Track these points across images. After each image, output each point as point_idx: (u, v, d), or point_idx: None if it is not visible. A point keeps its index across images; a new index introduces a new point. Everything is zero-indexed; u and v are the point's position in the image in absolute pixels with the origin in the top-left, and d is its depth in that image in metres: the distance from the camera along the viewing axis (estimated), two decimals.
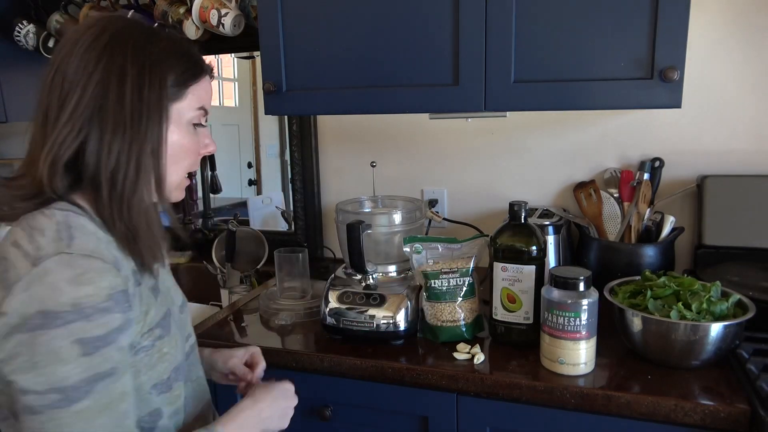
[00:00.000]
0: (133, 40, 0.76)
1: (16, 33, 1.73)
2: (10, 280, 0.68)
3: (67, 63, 0.74)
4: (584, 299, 1.00)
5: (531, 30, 1.12)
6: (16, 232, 0.73)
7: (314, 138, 1.74)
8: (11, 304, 0.67)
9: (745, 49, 1.35)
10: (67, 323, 0.66)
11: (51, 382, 0.66)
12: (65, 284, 0.67)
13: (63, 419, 0.66)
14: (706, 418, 0.92)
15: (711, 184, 1.36)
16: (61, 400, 0.66)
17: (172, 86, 0.78)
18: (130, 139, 0.74)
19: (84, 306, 0.67)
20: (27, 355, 0.66)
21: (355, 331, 1.18)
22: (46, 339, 0.65)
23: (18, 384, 0.66)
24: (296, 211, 1.78)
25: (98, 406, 0.68)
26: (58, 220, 0.72)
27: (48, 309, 0.66)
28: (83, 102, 0.73)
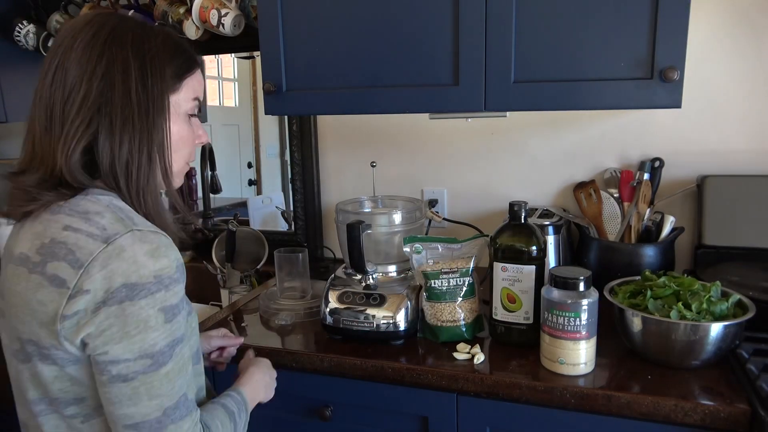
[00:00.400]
0: (132, 35, 0.79)
1: (16, 33, 1.73)
2: (81, 260, 0.71)
3: (67, 59, 0.76)
4: (584, 299, 1.00)
5: (531, 30, 1.12)
6: (60, 219, 0.75)
7: (314, 138, 1.74)
8: (91, 280, 0.70)
9: (745, 49, 1.35)
10: (152, 293, 0.71)
11: (142, 349, 0.71)
12: (145, 258, 0.71)
13: (153, 382, 0.72)
14: (706, 418, 0.92)
15: (711, 184, 1.36)
16: (152, 364, 0.72)
17: (170, 78, 0.82)
18: (139, 132, 0.78)
19: (163, 277, 0.72)
20: (118, 326, 0.70)
21: (355, 331, 1.18)
22: (135, 309, 0.70)
23: (109, 354, 0.71)
24: (296, 211, 1.78)
25: (177, 368, 0.75)
26: (106, 203, 0.76)
27: (132, 281, 0.70)
28: (90, 96, 0.75)
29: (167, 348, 0.74)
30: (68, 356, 0.74)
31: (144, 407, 0.73)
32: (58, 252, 0.72)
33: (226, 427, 0.85)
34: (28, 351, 0.76)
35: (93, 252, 0.71)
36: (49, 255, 0.73)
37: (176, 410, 0.75)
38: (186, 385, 0.77)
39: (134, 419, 0.73)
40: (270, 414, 1.13)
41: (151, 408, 0.73)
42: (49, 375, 0.76)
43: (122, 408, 0.73)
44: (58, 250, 0.72)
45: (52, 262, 0.72)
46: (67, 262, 0.71)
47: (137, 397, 0.72)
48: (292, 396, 1.18)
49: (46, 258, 0.73)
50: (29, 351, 0.76)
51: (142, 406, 0.73)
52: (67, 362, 0.75)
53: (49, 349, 0.74)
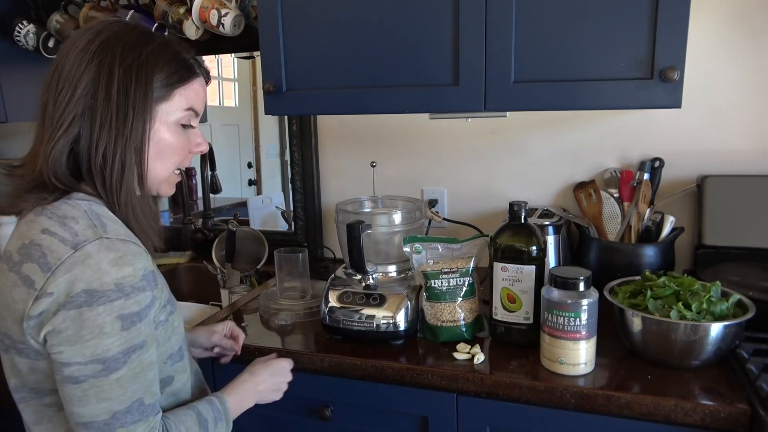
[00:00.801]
0: (125, 42, 0.81)
1: (16, 33, 1.73)
2: (50, 264, 0.74)
3: (62, 63, 0.80)
4: (584, 299, 1.00)
5: (531, 30, 1.12)
6: (41, 221, 0.78)
7: (314, 138, 1.74)
8: (56, 284, 0.73)
9: (745, 49, 1.35)
10: (111, 301, 0.73)
11: (94, 354, 0.73)
12: (108, 266, 0.74)
13: (103, 386, 0.74)
14: (706, 418, 0.92)
15: (711, 184, 1.36)
16: (102, 369, 0.74)
17: (159, 87, 0.83)
18: (115, 136, 0.80)
19: (125, 285, 0.74)
20: (73, 329, 0.73)
21: (355, 331, 1.18)
22: (92, 315, 0.73)
23: (63, 356, 0.74)
24: (296, 211, 1.78)
25: (132, 374, 0.76)
26: (84, 209, 0.79)
27: (93, 288, 0.73)
28: (74, 99, 0.79)
29: (121, 355, 0.75)
30: (36, 352, 0.78)
31: (92, 409, 0.75)
32: (33, 254, 0.76)
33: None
34: (6, 343, 0.81)
35: (62, 257, 0.74)
36: (26, 256, 0.77)
37: (127, 414, 0.76)
38: (143, 391, 0.78)
39: (83, 419, 0.75)
40: (270, 414, 1.13)
41: (99, 410, 0.75)
42: (24, 367, 0.80)
43: (72, 407, 0.76)
44: (33, 252, 0.76)
45: (27, 263, 0.76)
46: (38, 265, 0.75)
47: (86, 399, 0.75)
48: (292, 396, 1.18)
49: (23, 258, 0.77)
50: (6, 343, 0.80)
51: (90, 408, 0.75)
52: (38, 356, 0.78)
53: (20, 343, 0.78)
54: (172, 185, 0.91)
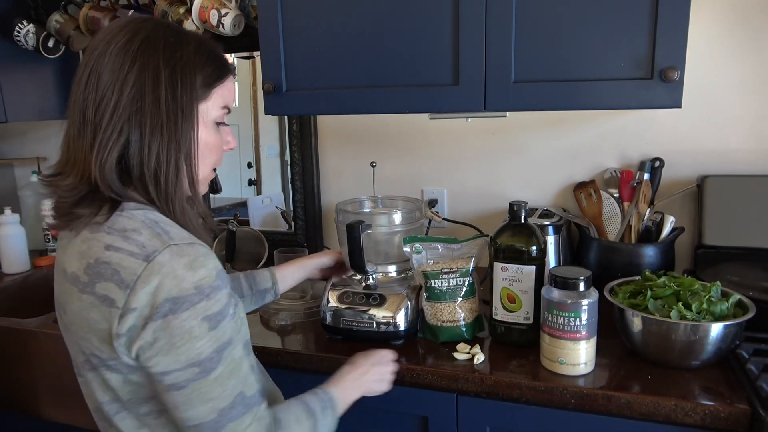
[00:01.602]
0: (165, 42, 0.80)
1: (16, 33, 1.73)
2: (126, 280, 0.73)
3: (101, 64, 0.78)
4: (584, 299, 1.00)
5: (531, 30, 1.12)
6: (101, 237, 0.77)
7: (314, 138, 1.74)
8: (138, 298, 0.73)
9: (745, 49, 1.35)
10: (194, 305, 0.73)
11: (189, 359, 0.74)
12: (184, 271, 0.73)
13: (204, 388, 0.75)
14: (706, 418, 0.92)
15: (711, 184, 1.36)
16: (200, 372, 0.75)
17: (199, 87, 0.82)
18: (168, 140, 0.79)
19: (203, 287, 0.74)
20: (164, 339, 0.73)
21: (355, 331, 1.18)
22: (179, 322, 0.73)
23: (160, 366, 0.74)
24: (296, 211, 1.78)
25: (228, 371, 0.77)
26: (141, 219, 0.78)
27: (174, 296, 0.72)
28: (121, 104, 0.77)
29: (214, 354, 0.76)
30: (131, 367, 0.78)
31: (199, 411, 0.76)
32: (104, 272, 0.75)
33: (302, 423, 0.86)
34: (94, 363, 0.80)
35: (136, 271, 0.73)
36: (96, 275, 0.75)
37: (232, 410, 0.77)
38: (242, 384, 0.79)
39: (193, 422, 0.77)
40: None
41: (205, 411, 0.76)
42: (116, 382, 0.79)
43: (180, 413, 0.77)
44: (104, 271, 0.75)
45: (100, 283, 0.75)
46: (114, 283, 0.74)
47: (191, 403, 0.75)
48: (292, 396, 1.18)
49: (94, 278, 0.75)
50: (94, 363, 0.79)
51: (196, 411, 0.76)
52: (130, 370, 0.78)
53: (110, 360, 0.78)
54: (206, 185, 0.92)
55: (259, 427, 0.80)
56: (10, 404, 1.46)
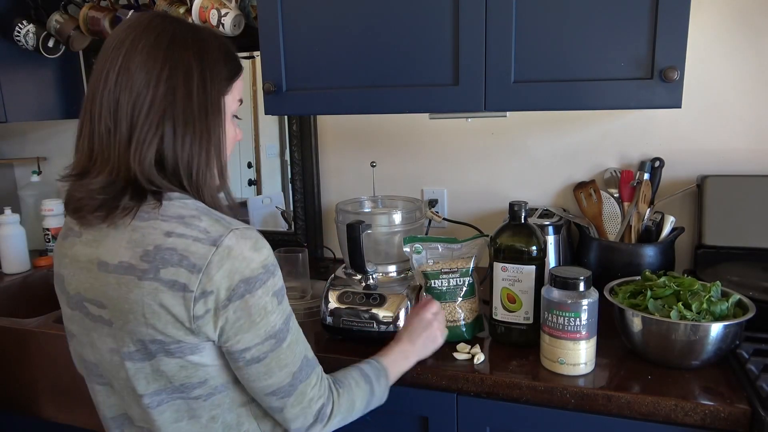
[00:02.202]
0: (191, 39, 0.83)
1: (16, 33, 1.73)
2: (198, 264, 0.76)
3: (131, 62, 0.79)
4: (584, 299, 1.00)
5: (531, 30, 1.12)
6: (157, 225, 0.79)
7: (314, 138, 1.74)
8: (213, 282, 0.76)
9: (745, 49, 1.35)
10: (264, 283, 0.79)
11: (267, 332, 0.80)
12: (250, 252, 0.79)
13: (280, 356, 0.82)
14: (706, 418, 0.92)
15: (711, 184, 1.36)
16: (276, 342, 0.82)
17: (222, 80, 0.86)
18: (200, 133, 0.82)
19: (268, 265, 0.80)
20: (244, 318, 0.78)
21: (356, 331, 1.18)
22: (255, 300, 0.78)
23: (242, 342, 0.79)
24: (296, 211, 1.78)
25: (294, 338, 0.85)
26: (194, 206, 0.81)
27: (247, 276, 0.77)
28: (157, 100, 0.79)
29: (284, 325, 0.82)
30: (195, 347, 0.80)
31: (276, 377, 0.82)
32: (170, 258, 0.77)
33: (361, 386, 0.93)
34: (151, 349, 0.80)
35: (206, 255, 0.76)
36: (160, 261, 0.77)
37: (301, 371, 0.85)
38: (304, 348, 0.87)
39: (271, 388, 0.83)
40: None
41: (282, 376, 0.83)
42: (173, 367, 0.81)
43: (260, 382, 0.82)
44: (168, 257, 0.77)
45: (165, 268, 0.77)
46: (183, 268, 0.76)
47: (270, 372, 0.82)
48: None
49: (158, 264, 0.77)
50: (152, 349, 0.80)
51: (275, 377, 0.82)
52: (194, 351, 0.80)
53: (176, 344, 0.79)
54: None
55: (323, 386, 0.88)
56: (10, 404, 1.46)
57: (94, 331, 0.84)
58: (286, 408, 0.85)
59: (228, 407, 0.86)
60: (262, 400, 0.85)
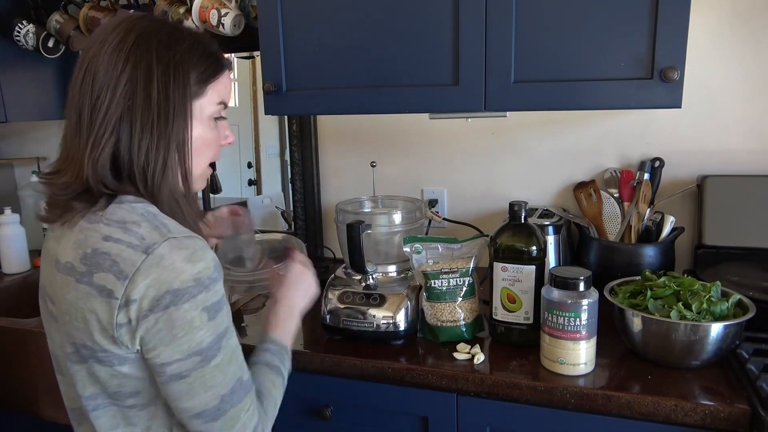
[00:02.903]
0: (158, 40, 0.81)
1: (16, 33, 1.73)
2: (125, 271, 0.74)
3: (96, 63, 0.79)
4: (584, 299, 1.00)
5: (531, 30, 1.12)
6: (100, 228, 0.77)
7: (314, 138, 1.74)
8: (137, 290, 0.74)
9: (745, 49, 1.35)
10: (193, 297, 0.75)
11: (190, 348, 0.76)
12: (183, 263, 0.75)
13: (206, 375, 0.77)
14: (706, 418, 0.92)
15: (711, 184, 1.36)
16: (201, 360, 0.77)
17: (194, 84, 0.83)
18: (157, 137, 0.80)
19: (202, 279, 0.76)
20: (165, 330, 0.74)
21: (355, 331, 1.18)
22: (180, 313, 0.74)
23: (162, 357, 0.76)
24: (296, 211, 1.78)
25: (227, 358, 0.80)
26: (141, 212, 0.79)
27: (175, 288, 0.74)
28: (114, 102, 0.78)
29: (214, 343, 0.78)
30: (123, 358, 0.78)
31: (201, 399, 0.78)
32: (103, 263, 0.75)
33: (276, 384, 0.91)
34: (83, 354, 0.79)
35: (135, 263, 0.74)
36: (94, 266, 0.76)
37: (233, 395, 0.80)
38: (239, 369, 0.82)
39: (195, 410, 0.79)
40: None
41: (207, 398, 0.78)
42: (105, 374, 0.80)
43: (183, 402, 0.78)
44: (102, 261, 0.75)
45: (98, 273, 0.75)
46: (112, 274, 0.75)
47: (193, 392, 0.78)
48: (292, 396, 1.18)
49: (92, 268, 0.76)
50: (84, 354, 0.79)
51: (199, 399, 0.78)
52: (122, 362, 0.78)
53: (103, 352, 0.78)
54: (204, 179, 0.92)
55: (254, 408, 0.83)
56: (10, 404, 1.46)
57: (50, 325, 0.85)
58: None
59: (162, 422, 0.83)
60: (187, 424, 0.80)
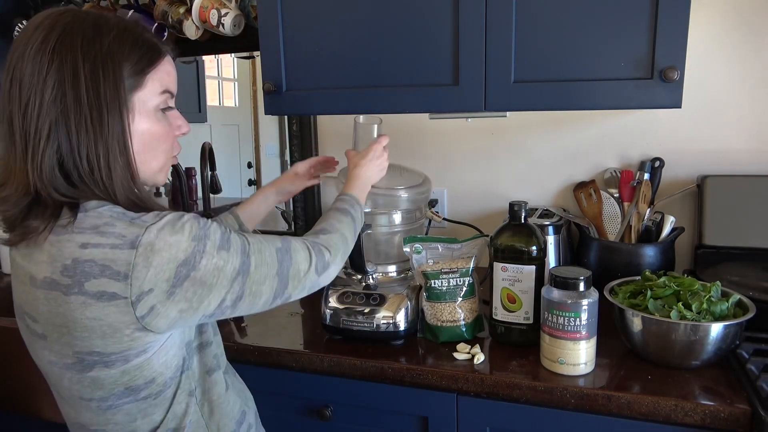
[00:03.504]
0: (82, 36, 0.76)
1: (16, 33, 1.73)
2: (122, 271, 0.73)
3: (20, 68, 0.74)
4: (584, 299, 1.00)
5: (531, 30, 1.12)
6: (73, 238, 0.74)
7: (314, 138, 1.74)
8: (147, 281, 0.73)
9: (745, 49, 1.35)
10: (202, 251, 0.76)
11: (230, 279, 0.79)
12: (173, 237, 0.75)
13: (255, 278, 0.82)
14: (706, 418, 0.92)
15: (711, 184, 1.36)
16: (244, 275, 0.81)
17: (129, 77, 0.78)
18: (94, 138, 0.76)
19: (197, 236, 0.77)
20: (200, 288, 0.77)
21: (355, 331, 1.18)
22: (202, 271, 0.76)
23: (212, 303, 0.79)
24: (296, 211, 1.78)
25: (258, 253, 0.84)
26: (109, 213, 0.76)
27: (182, 259, 0.75)
28: (44, 106, 0.74)
29: (243, 258, 0.81)
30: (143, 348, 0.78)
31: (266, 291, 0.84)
32: (90, 271, 0.73)
33: (343, 221, 1.00)
34: (89, 362, 0.78)
35: (128, 260, 0.73)
36: (81, 275, 0.73)
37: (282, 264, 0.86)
38: (271, 245, 0.86)
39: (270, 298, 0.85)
40: (270, 414, 1.13)
41: (270, 285, 0.84)
42: (113, 375, 0.79)
43: (257, 304, 0.84)
44: (89, 269, 0.73)
45: (88, 282, 0.73)
46: (106, 278, 0.73)
47: (258, 293, 0.83)
48: (292, 396, 1.18)
49: (80, 278, 0.73)
50: (90, 361, 0.78)
51: (265, 293, 0.84)
52: (138, 354, 0.78)
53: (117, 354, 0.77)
54: (166, 173, 0.89)
55: (307, 248, 0.90)
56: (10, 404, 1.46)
57: (33, 343, 0.84)
58: (292, 295, 0.88)
59: (179, 399, 0.85)
60: (270, 307, 0.87)
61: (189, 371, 0.87)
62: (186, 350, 0.86)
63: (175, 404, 0.85)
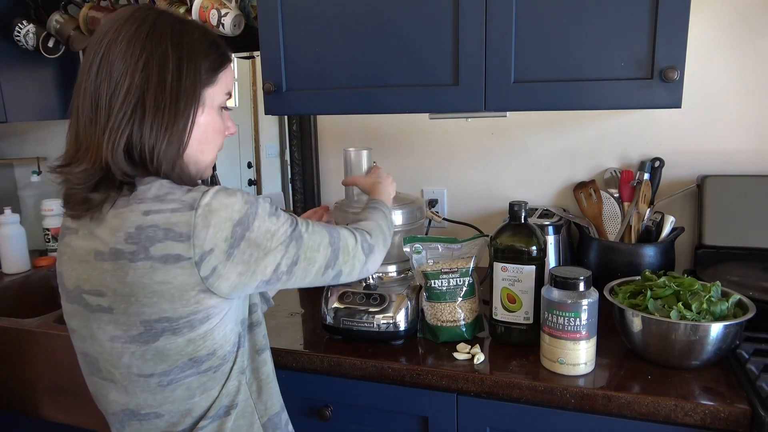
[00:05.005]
0: (171, 29, 0.84)
1: (16, 33, 1.73)
2: (185, 232, 0.78)
3: (112, 53, 0.81)
4: (584, 299, 1.00)
5: (531, 30, 1.12)
6: (135, 208, 0.79)
7: (314, 138, 1.74)
8: (208, 241, 0.78)
9: (745, 49, 1.35)
10: (255, 214, 0.82)
11: (283, 243, 0.85)
12: (229, 199, 0.80)
13: (308, 243, 0.88)
14: (706, 418, 0.92)
15: (711, 184, 1.36)
16: (298, 239, 0.87)
17: (205, 72, 0.87)
18: (166, 122, 0.82)
19: (249, 199, 0.83)
20: (256, 250, 0.82)
21: (355, 331, 1.18)
22: (256, 233, 0.82)
23: (269, 267, 0.84)
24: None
25: (305, 228, 0.89)
26: (167, 184, 0.82)
27: (237, 218, 0.80)
28: (132, 88, 0.80)
29: (294, 226, 0.87)
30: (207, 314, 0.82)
31: (319, 258, 0.90)
32: (154, 235, 0.78)
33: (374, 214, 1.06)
34: (158, 329, 0.81)
35: (189, 221, 0.78)
36: (146, 240, 0.78)
37: (332, 235, 0.92)
38: (316, 222, 0.92)
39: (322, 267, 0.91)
40: None
41: (323, 254, 0.90)
42: (180, 344, 0.82)
43: (311, 273, 0.89)
44: (153, 234, 0.78)
45: (153, 246, 0.77)
46: (170, 240, 0.77)
47: (311, 259, 0.89)
48: (292, 396, 1.18)
49: (144, 244, 0.78)
50: (159, 329, 0.81)
51: (319, 259, 0.90)
52: (202, 321, 0.82)
53: (184, 318, 0.81)
54: (210, 168, 0.95)
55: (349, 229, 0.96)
56: (10, 404, 1.46)
57: (94, 321, 0.84)
58: (342, 270, 0.94)
59: (233, 375, 0.88)
60: (323, 282, 0.92)
61: (243, 348, 0.90)
62: (241, 327, 0.90)
63: (230, 381, 0.88)
